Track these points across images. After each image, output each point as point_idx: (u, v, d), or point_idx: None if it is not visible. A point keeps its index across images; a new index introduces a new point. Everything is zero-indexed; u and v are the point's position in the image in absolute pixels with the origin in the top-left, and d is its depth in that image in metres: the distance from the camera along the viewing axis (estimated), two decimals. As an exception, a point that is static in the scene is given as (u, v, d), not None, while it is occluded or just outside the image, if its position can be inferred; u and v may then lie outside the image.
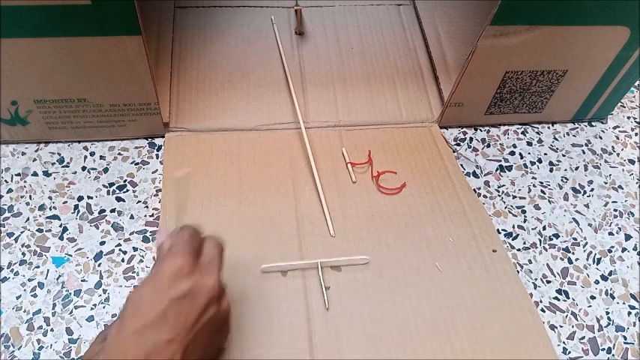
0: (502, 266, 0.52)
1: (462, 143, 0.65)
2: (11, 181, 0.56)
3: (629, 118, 0.70)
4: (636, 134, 0.68)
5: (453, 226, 0.54)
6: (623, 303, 0.53)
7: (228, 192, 0.55)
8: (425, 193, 0.57)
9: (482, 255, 0.52)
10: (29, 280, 0.49)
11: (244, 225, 0.52)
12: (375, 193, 0.57)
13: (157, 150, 0.60)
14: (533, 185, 0.61)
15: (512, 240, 0.56)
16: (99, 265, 0.50)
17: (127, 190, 0.56)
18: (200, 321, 0.35)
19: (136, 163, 0.59)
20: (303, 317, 0.47)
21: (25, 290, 0.48)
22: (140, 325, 0.33)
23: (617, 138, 0.68)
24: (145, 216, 0.54)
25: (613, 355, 0.49)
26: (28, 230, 0.52)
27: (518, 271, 0.54)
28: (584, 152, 0.66)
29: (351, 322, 0.47)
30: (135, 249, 0.52)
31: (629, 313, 0.52)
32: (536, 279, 0.53)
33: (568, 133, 0.68)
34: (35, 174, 0.57)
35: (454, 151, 0.63)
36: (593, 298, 0.53)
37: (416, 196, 0.57)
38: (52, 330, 0.46)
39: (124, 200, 0.55)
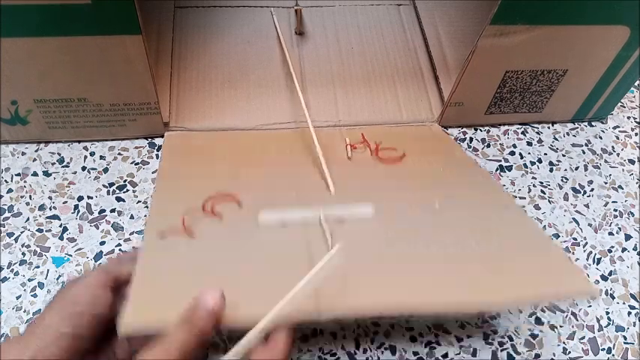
0: (514, 215, 0.49)
1: (461, 143, 0.65)
2: (11, 181, 0.56)
3: (629, 118, 0.70)
4: (636, 134, 0.68)
5: (460, 189, 0.52)
6: (623, 303, 0.53)
7: (225, 176, 0.53)
8: (430, 169, 0.55)
9: (494, 208, 0.50)
10: (29, 280, 0.49)
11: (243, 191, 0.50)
12: (377, 166, 0.56)
13: (157, 150, 0.60)
14: (533, 185, 0.61)
15: (513, 240, 0.56)
16: (99, 265, 0.50)
17: (127, 190, 0.56)
18: None
19: (136, 163, 0.59)
20: (305, 266, 0.43)
21: (25, 290, 0.48)
22: None
23: (617, 138, 0.68)
24: (145, 216, 0.54)
25: (613, 355, 0.49)
26: (28, 230, 0.52)
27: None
28: (584, 152, 0.66)
29: (356, 266, 0.43)
30: (135, 249, 0.52)
31: (629, 313, 0.52)
32: (536, 279, 0.54)
33: (568, 133, 0.68)
34: (35, 174, 0.57)
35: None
36: (593, 298, 0.53)
37: (419, 169, 0.55)
38: (51, 330, 0.46)
39: (124, 200, 0.55)
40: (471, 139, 0.65)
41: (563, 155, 0.65)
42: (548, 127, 0.68)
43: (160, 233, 0.43)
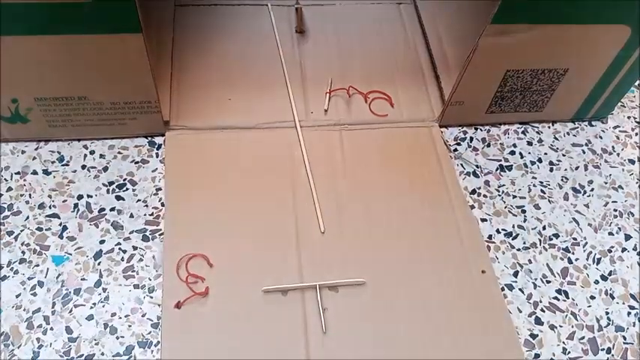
0: (489, 289, 0.52)
1: (462, 143, 0.65)
2: (11, 179, 0.56)
3: (629, 117, 0.70)
4: (636, 134, 0.68)
5: (446, 244, 0.54)
6: (623, 303, 0.53)
7: (229, 203, 0.55)
8: (421, 207, 0.57)
9: (471, 276, 0.52)
10: (29, 278, 0.49)
11: (243, 242, 0.53)
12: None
13: (157, 149, 0.60)
14: (533, 185, 0.61)
15: (512, 240, 0.56)
16: (98, 264, 0.50)
17: (127, 189, 0.56)
18: None
19: (136, 162, 0.58)
20: (302, 342, 0.47)
21: (24, 289, 0.48)
22: None
23: (618, 138, 0.68)
24: (145, 215, 0.54)
25: (613, 355, 0.49)
26: (28, 229, 0.52)
27: (517, 272, 0.54)
28: (584, 152, 0.66)
29: (347, 345, 0.47)
30: (134, 248, 0.52)
31: (629, 313, 0.52)
32: (536, 279, 0.54)
33: (568, 133, 0.68)
34: (35, 172, 0.57)
35: (454, 150, 0.63)
36: (592, 298, 0.53)
37: (410, 210, 0.57)
38: (51, 329, 0.46)
39: (123, 199, 0.55)
40: (472, 139, 0.65)
41: (564, 155, 0.65)
42: (549, 127, 0.68)
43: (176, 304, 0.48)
